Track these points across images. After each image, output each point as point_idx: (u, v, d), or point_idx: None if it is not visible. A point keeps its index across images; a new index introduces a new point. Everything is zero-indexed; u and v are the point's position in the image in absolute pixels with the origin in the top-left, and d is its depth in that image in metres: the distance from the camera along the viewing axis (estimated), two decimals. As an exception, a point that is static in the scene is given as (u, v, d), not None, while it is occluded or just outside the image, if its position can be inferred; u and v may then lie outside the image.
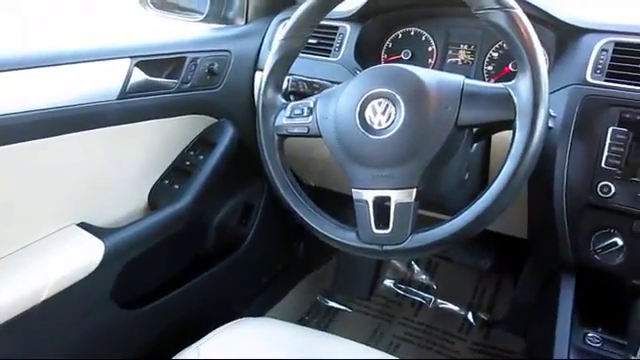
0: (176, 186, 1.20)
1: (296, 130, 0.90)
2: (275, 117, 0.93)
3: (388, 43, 1.25)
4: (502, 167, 0.75)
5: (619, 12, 1.04)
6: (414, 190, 0.80)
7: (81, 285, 0.99)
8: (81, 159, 1.03)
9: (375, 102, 0.82)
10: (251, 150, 0.94)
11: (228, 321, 1.00)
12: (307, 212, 0.89)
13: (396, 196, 0.80)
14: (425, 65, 1.21)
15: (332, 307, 1.77)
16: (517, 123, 0.75)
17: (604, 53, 0.94)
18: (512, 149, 0.75)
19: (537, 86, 0.74)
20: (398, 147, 0.80)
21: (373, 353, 0.96)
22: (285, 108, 0.92)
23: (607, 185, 0.92)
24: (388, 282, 1.83)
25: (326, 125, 0.87)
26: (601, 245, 0.95)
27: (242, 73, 1.27)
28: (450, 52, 1.20)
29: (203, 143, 1.25)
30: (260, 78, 0.96)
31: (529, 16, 0.80)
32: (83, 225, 1.05)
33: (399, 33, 1.24)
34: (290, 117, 0.91)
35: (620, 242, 0.94)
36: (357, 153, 0.83)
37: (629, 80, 0.91)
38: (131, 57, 1.05)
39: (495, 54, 1.15)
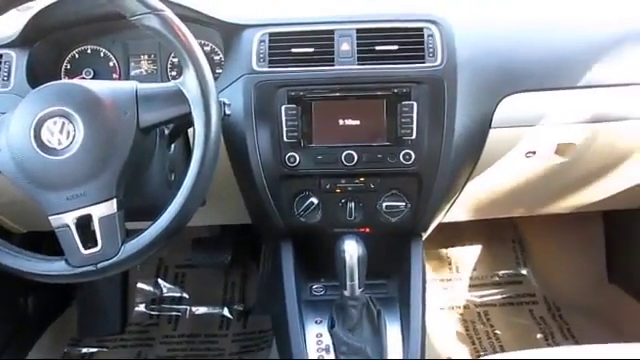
0: None
1: None
2: None
3: (66, 64, 1.20)
4: (191, 158, 0.81)
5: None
6: (114, 201, 0.80)
7: None
8: None
9: (50, 122, 0.79)
10: None
11: None
12: (3, 255, 0.81)
13: (97, 211, 0.79)
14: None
15: (85, 353, 1.64)
16: (194, 115, 0.81)
17: (262, 44, 1.06)
18: (195, 139, 0.81)
19: (202, 78, 0.81)
20: (85, 162, 0.79)
21: None
22: None
23: (293, 155, 1.05)
24: (139, 308, 1.78)
25: (1, 158, 0.80)
26: (302, 207, 1.08)
27: None
28: (133, 64, 1.21)
29: None
30: None
31: (188, 18, 0.86)
32: None
33: (75, 53, 1.20)
34: None
35: (316, 200, 1.08)
36: (44, 178, 0.79)
37: (286, 64, 1.05)
38: None
39: (175, 59, 1.20)
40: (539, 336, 1.67)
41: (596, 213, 1.68)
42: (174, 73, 1.20)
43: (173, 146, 1.02)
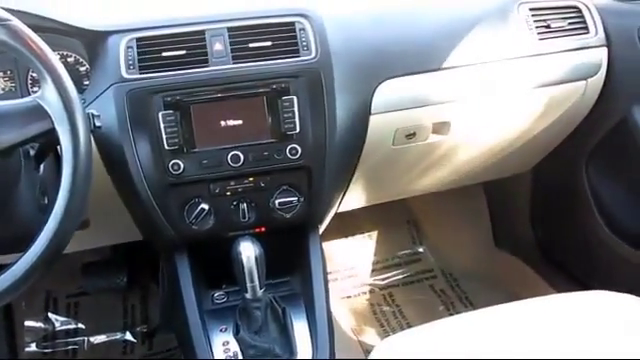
0: None
1: None
2: None
3: None
4: (60, 176, 0.75)
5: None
6: None
7: None
8: None
9: None
10: None
11: None
12: None
13: None
14: None
15: (-29, 407, 1.48)
16: (58, 130, 0.75)
17: (130, 50, 1.01)
18: (63, 156, 0.75)
19: (62, 90, 0.75)
20: None
21: None
22: None
23: (176, 163, 1.00)
24: (30, 348, 1.63)
25: None
26: (193, 215, 1.04)
27: None
28: None
29: None
30: None
31: (44, 28, 0.79)
32: None
33: None
34: None
35: (206, 206, 1.04)
36: None
37: (158, 69, 1.00)
38: None
39: (35, 74, 1.11)
40: (441, 308, 1.76)
41: (478, 185, 1.79)
42: (36, 89, 1.11)
43: (42, 166, 0.93)
